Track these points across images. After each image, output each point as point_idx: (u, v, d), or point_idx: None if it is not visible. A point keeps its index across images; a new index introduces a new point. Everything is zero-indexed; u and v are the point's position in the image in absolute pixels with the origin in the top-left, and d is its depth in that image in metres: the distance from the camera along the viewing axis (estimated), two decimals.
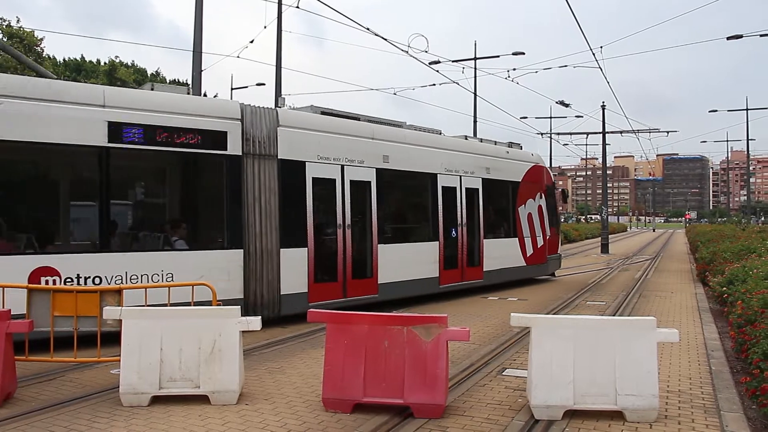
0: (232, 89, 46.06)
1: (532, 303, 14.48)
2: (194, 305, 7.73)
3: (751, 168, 68.27)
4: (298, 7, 17.98)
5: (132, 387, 6.25)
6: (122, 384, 6.28)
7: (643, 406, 5.83)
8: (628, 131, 40.36)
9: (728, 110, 64.31)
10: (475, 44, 30.83)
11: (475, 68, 30.20)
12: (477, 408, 6.34)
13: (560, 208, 21.80)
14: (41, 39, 37.45)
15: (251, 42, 21.02)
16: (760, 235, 23.16)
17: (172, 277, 9.85)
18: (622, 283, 19.21)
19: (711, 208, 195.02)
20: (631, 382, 5.85)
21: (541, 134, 45.65)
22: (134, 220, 10.72)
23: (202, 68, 17.48)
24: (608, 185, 40.88)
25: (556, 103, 32.51)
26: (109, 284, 9.16)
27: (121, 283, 9.38)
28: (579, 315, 11.28)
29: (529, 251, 18.25)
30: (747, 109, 51.53)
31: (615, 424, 5.79)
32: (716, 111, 52.08)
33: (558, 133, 43.77)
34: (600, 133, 42.50)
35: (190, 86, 16.30)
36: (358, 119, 13.72)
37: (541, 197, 19.10)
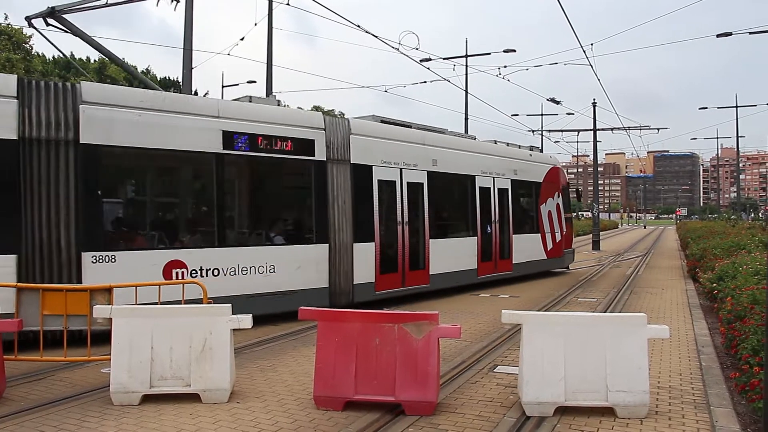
0: (223, 87, 45.90)
1: (523, 300, 14.51)
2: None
3: (740, 165, 68.63)
4: (288, 4, 17.93)
5: (122, 386, 6.22)
6: (113, 383, 6.25)
7: (634, 402, 5.85)
8: (618, 128, 40.47)
9: (718, 107, 64.64)
10: (467, 42, 30.82)
11: (467, 65, 30.20)
12: (468, 405, 6.34)
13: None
14: (30, 36, 37.18)
15: (242, 39, 20.97)
16: (750, 232, 23.30)
17: (273, 268, 11.32)
18: (614, 279, 19.27)
19: (701, 204, 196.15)
20: (622, 379, 5.87)
21: (533, 131, 45.73)
22: (242, 218, 11.94)
23: (193, 66, 17.41)
24: (599, 182, 41.00)
25: (547, 100, 32.59)
26: (224, 275, 10.60)
27: (235, 274, 10.77)
28: (570, 312, 11.33)
29: (549, 246, 19.89)
30: (737, 107, 51.75)
31: (606, 420, 5.81)
32: (706, 108, 52.32)
33: (549, 131, 43.73)
34: (591, 130, 42.60)
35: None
36: (410, 127, 15.23)
37: (558, 196, 20.73)
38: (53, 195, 9.09)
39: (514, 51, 28.49)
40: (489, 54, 29.39)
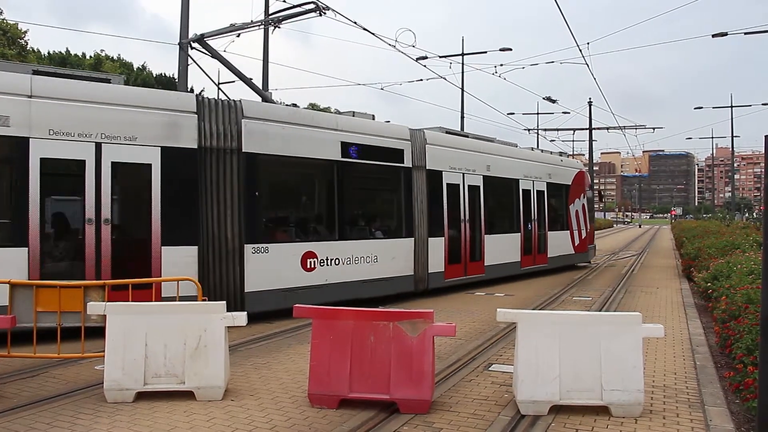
0: (218, 84, 45.75)
1: (518, 299, 14.52)
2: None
3: (735, 164, 68.88)
4: (284, 1, 17.88)
5: (116, 383, 6.20)
6: (106, 380, 6.23)
7: (629, 401, 5.86)
8: (614, 127, 40.55)
9: (713, 107, 64.67)
10: (463, 40, 30.83)
11: (463, 64, 30.20)
12: (463, 403, 6.34)
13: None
14: (25, 32, 37.05)
15: (237, 36, 20.89)
16: (744, 231, 23.32)
17: (376, 258, 13.50)
18: (609, 278, 19.30)
19: (696, 204, 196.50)
20: (617, 378, 5.87)
21: (528, 130, 45.73)
22: (355, 216, 13.77)
23: (189, 62, 17.36)
24: (595, 181, 41.03)
25: (543, 99, 32.63)
26: (343, 264, 12.74)
27: (350, 263, 12.90)
28: (565, 311, 11.33)
29: (576, 241, 22.34)
30: (732, 107, 51.87)
31: (600, 419, 5.81)
32: (701, 108, 52.36)
33: (545, 129, 43.72)
34: (587, 129, 42.64)
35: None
36: (467, 137, 17.78)
37: (583, 197, 23.20)
38: (223, 195, 10.90)
39: (511, 50, 28.50)
40: (485, 52, 29.35)
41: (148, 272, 9.86)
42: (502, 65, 25.94)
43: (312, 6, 12.99)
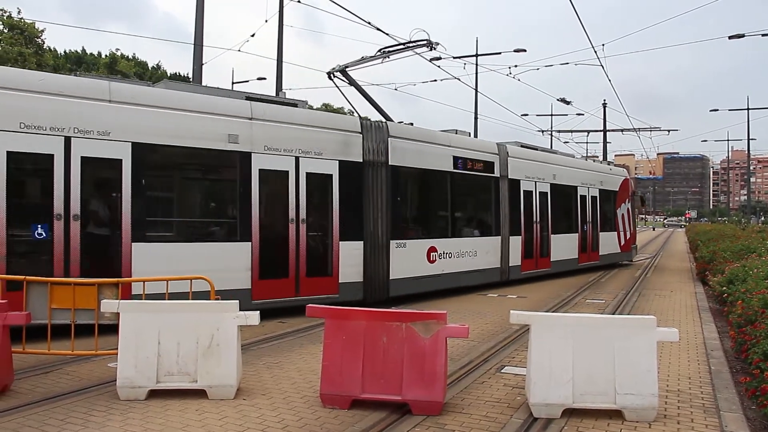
0: (233, 83, 45.96)
1: (531, 301, 14.46)
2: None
3: (751, 167, 68.29)
4: (299, 1, 17.92)
5: (129, 381, 6.22)
6: (119, 378, 6.25)
7: (642, 405, 5.80)
8: (629, 129, 40.33)
9: (729, 110, 64.17)
10: (477, 40, 30.78)
11: (477, 64, 30.14)
12: (475, 405, 6.31)
13: (637, 210, 28.96)
14: (42, 31, 37.32)
15: (252, 36, 20.98)
16: (761, 235, 23.14)
17: (475, 253, 16.17)
18: (622, 281, 19.19)
19: (711, 207, 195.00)
20: (631, 381, 5.82)
21: (542, 131, 45.62)
22: (461, 218, 16.57)
23: (203, 61, 17.43)
24: None
25: (558, 100, 32.45)
26: (454, 257, 15.42)
27: (459, 256, 15.56)
28: (579, 313, 11.26)
29: (622, 242, 24.83)
30: (748, 109, 51.48)
31: (614, 423, 5.77)
32: (717, 110, 51.96)
33: (559, 131, 43.64)
34: (601, 131, 42.46)
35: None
36: (536, 149, 20.44)
37: (628, 202, 25.65)
38: (377, 200, 13.25)
39: (525, 51, 28.41)
40: (500, 53, 29.34)
41: (330, 263, 12.51)
42: (516, 66, 25.83)
43: (425, 42, 15.59)
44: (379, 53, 15.53)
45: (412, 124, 15.83)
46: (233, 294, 9.12)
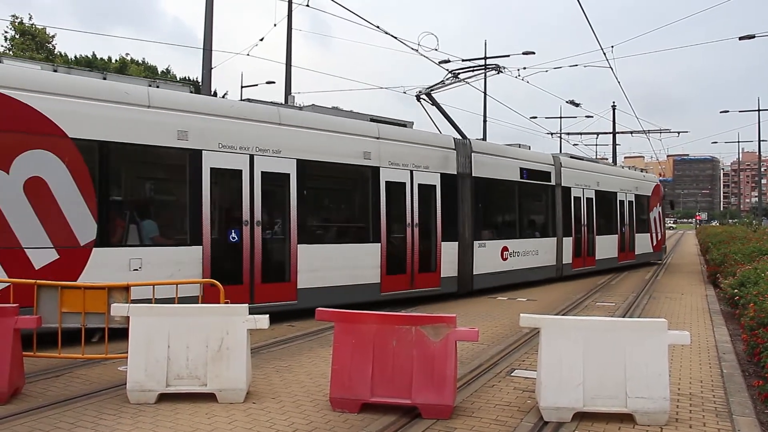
0: (242, 87, 46.04)
1: (541, 303, 14.41)
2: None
3: (762, 169, 67.82)
4: (308, 5, 17.96)
5: (139, 384, 6.24)
6: (129, 381, 6.26)
7: (654, 408, 5.77)
8: (638, 131, 40.18)
9: (739, 111, 63.81)
10: (485, 43, 30.81)
11: (486, 67, 30.08)
12: (485, 409, 6.29)
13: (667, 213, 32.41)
14: (53, 36, 37.55)
15: (261, 40, 21.04)
16: None
17: (537, 252, 18.52)
18: (632, 284, 19.11)
19: (722, 209, 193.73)
20: (642, 385, 5.78)
21: (551, 134, 45.48)
22: (526, 221, 18.92)
23: (212, 66, 17.47)
24: None
25: (567, 102, 32.34)
26: (521, 255, 17.76)
27: (525, 255, 17.92)
28: (589, 316, 11.20)
29: (654, 242, 27.37)
30: (759, 110, 51.19)
31: (625, 426, 5.73)
32: (727, 111, 51.76)
33: (568, 133, 43.54)
34: (610, 133, 42.29)
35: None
36: (582, 159, 23.47)
37: (659, 206, 28.23)
38: (465, 206, 15.56)
39: (534, 53, 28.34)
40: (508, 56, 29.24)
41: (434, 260, 14.59)
42: (525, 68, 25.74)
43: (493, 66, 18.40)
44: (450, 75, 17.42)
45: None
46: (367, 287, 12.83)
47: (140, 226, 10.11)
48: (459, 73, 17.41)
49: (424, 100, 17.08)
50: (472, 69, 17.58)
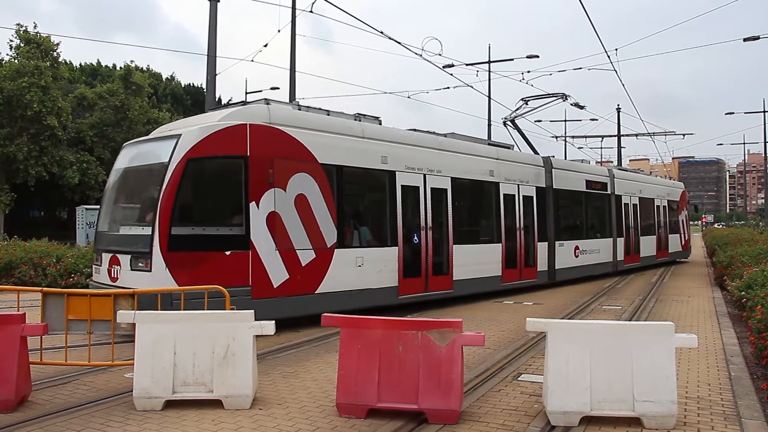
0: (246, 93, 46.21)
1: (547, 307, 14.38)
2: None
3: None
4: (311, 11, 18.01)
5: (145, 391, 6.24)
6: (135, 388, 6.27)
7: (661, 412, 5.74)
8: (643, 134, 40.11)
9: (745, 112, 63.66)
10: (489, 47, 30.79)
11: (489, 71, 30.13)
12: (492, 414, 6.27)
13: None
14: (57, 44, 37.70)
15: (265, 46, 21.09)
16: None
17: (598, 251, 21.63)
18: (639, 287, 19.05)
19: (728, 211, 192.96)
20: (649, 388, 5.75)
21: (556, 137, 45.47)
22: (590, 223, 21.94)
23: (216, 72, 17.53)
24: None
25: (571, 105, 32.32)
26: (587, 254, 20.80)
27: (590, 253, 20.91)
28: (596, 320, 11.16)
29: (682, 242, 31.01)
30: (764, 111, 51.01)
31: (633, 430, 5.71)
32: (733, 113, 51.57)
33: (573, 136, 43.55)
34: (615, 136, 42.19)
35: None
36: (627, 170, 27.95)
37: (685, 210, 31.78)
38: (549, 213, 18.67)
39: (538, 57, 28.41)
40: (512, 60, 29.28)
41: (534, 257, 17.91)
42: (529, 72, 25.94)
43: (560, 95, 21.07)
44: (522, 102, 20.94)
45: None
46: (492, 280, 16.02)
47: (360, 231, 12.83)
48: (529, 100, 20.94)
49: (509, 126, 20.89)
50: (540, 97, 21.02)
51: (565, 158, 29.40)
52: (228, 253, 10.38)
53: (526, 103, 20.96)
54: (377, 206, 13.56)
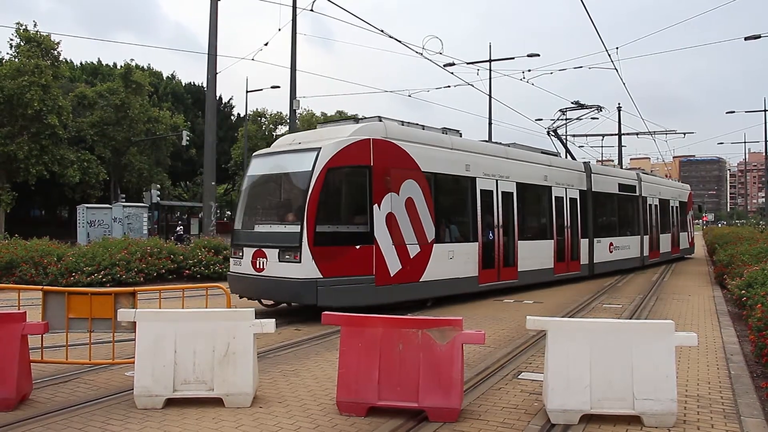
0: (247, 92, 46.19)
1: (547, 306, 14.38)
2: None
3: None
4: (312, 10, 18.02)
5: (146, 389, 6.25)
6: (136, 386, 6.28)
7: (661, 410, 5.75)
8: (644, 132, 40.12)
9: (746, 111, 63.50)
10: (490, 46, 30.82)
11: (490, 70, 30.16)
12: (492, 412, 6.28)
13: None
14: (58, 43, 37.68)
15: (266, 45, 21.10)
16: None
17: (629, 246, 24.19)
18: (639, 285, 19.05)
19: (728, 210, 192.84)
20: (649, 386, 5.76)
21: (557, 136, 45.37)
22: (622, 223, 24.32)
23: (217, 71, 17.54)
24: None
25: (572, 103, 32.31)
26: (620, 249, 23.13)
27: (623, 249, 23.36)
28: (596, 318, 11.17)
29: (689, 239, 33.68)
30: (765, 111, 51.00)
31: (632, 429, 5.71)
32: (733, 112, 51.51)
33: (573, 135, 43.38)
34: (616, 134, 42.18)
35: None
36: (648, 173, 29.79)
37: (691, 210, 34.45)
38: (589, 213, 20.79)
39: (538, 55, 28.45)
40: (513, 58, 29.35)
41: (578, 252, 20.09)
42: (529, 71, 25.93)
43: (596, 107, 24.44)
44: (560, 113, 24.77)
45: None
46: (545, 272, 18.28)
47: (450, 229, 14.79)
48: (566, 111, 24.58)
49: (552, 135, 24.81)
50: (576, 108, 24.07)
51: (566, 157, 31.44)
52: (357, 247, 12.27)
53: (564, 114, 24.54)
54: (462, 207, 15.54)
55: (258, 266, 12.08)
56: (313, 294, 11.42)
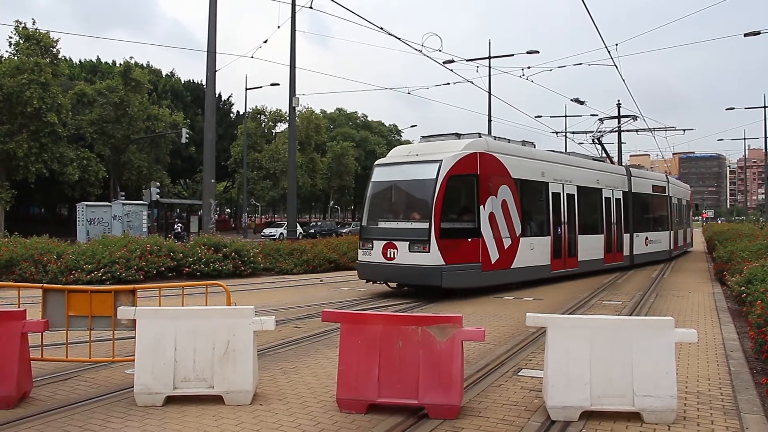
0: (246, 89, 46.18)
1: (547, 303, 14.38)
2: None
3: None
4: (311, 7, 18.02)
5: (146, 387, 6.25)
6: (136, 384, 6.27)
7: (661, 407, 5.75)
8: (644, 129, 40.02)
9: (745, 108, 63.36)
10: (490, 43, 30.87)
11: (490, 67, 30.16)
12: (492, 409, 6.28)
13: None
14: (57, 41, 37.63)
15: (265, 42, 21.11)
16: None
17: (660, 240, 27.69)
18: (639, 282, 19.06)
19: (728, 206, 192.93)
20: (649, 383, 5.76)
21: (556, 133, 45.45)
22: (654, 220, 27.74)
23: (216, 68, 17.51)
24: None
25: (572, 100, 32.34)
26: (653, 243, 26.71)
27: (655, 243, 26.73)
28: (595, 315, 11.17)
29: (690, 235, 36.18)
30: (765, 107, 50.95)
31: (632, 425, 5.71)
32: (733, 109, 51.41)
33: (573, 132, 43.38)
34: (616, 131, 42.10)
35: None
36: (670, 175, 32.85)
37: (691, 208, 38.09)
38: (628, 210, 23.81)
39: (538, 52, 28.40)
40: (512, 55, 29.36)
41: (623, 245, 23.37)
42: (529, 68, 25.81)
43: (631, 115, 30.73)
44: (598, 121, 29.49)
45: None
46: (596, 262, 21.19)
47: (531, 225, 17.89)
48: (604, 119, 29.38)
49: (596, 142, 28.98)
50: (612, 118, 28.54)
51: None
52: (469, 240, 15.14)
53: (602, 122, 29.28)
54: (539, 207, 18.54)
55: (388, 255, 14.71)
56: (439, 277, 14.17)
